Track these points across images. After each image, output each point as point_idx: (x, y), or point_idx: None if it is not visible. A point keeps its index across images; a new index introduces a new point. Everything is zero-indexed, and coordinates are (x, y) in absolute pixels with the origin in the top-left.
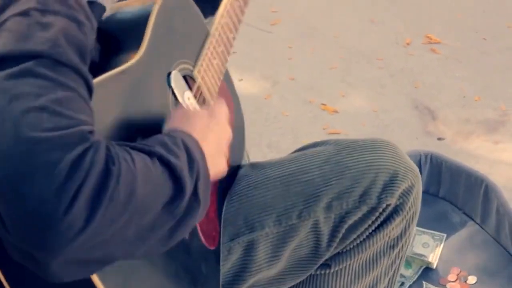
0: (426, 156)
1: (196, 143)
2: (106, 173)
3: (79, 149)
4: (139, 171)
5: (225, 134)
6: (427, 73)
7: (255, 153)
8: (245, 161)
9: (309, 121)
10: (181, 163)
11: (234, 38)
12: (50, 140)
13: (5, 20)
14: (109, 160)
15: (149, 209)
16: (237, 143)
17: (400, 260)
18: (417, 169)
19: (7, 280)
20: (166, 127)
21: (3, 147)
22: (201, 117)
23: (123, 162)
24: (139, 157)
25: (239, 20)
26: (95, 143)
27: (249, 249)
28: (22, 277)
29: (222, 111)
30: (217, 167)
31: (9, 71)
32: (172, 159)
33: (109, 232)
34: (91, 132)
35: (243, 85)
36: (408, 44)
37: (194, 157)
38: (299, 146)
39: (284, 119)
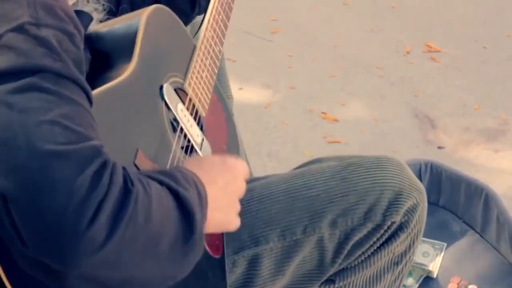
0: (426, 165)
1: (201, 183)
2: (126, 192)
3: (96, 164)
4: (154, 196)
5: (236, 185)
6: (427, 81)
7: (255, 162)
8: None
9: (309, 130)
10: (190, 196)
11: (220, 51)
12: (66, 154)
13: (1, 36)
14: (128, 180)
15: (163, 235)
16: (232, 153)
17: (403, 275)
18: (422, 187)
19: (7, 277)
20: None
21: (18, 160)
22: (210, 159)
23: (139, 185)
24: (152, 184)
25: (223, 33)
26: (110, 160)
27: (254, 263)
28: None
29: (239, 166)
30: (222, 212)
31: (13, 85)
32: (182, 192)
33: (127, 253)
34: (102, 147)
35: (243, 94)
36: (408, 52)
37: (202, 193)
38: (299, 155)
39: (284, 128)
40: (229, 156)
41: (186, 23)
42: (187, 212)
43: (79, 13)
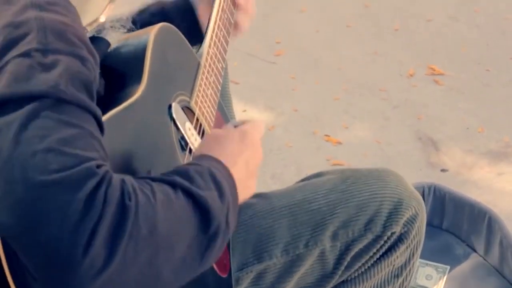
0: (429, 188)
1: (225, 169)
2: (123, 209)
3: (89, 186)
4: (160, 205)
5: (257, 156)
6: (430, 104)
7: (258, 185)
8: None
9: (312, 153)
10: (207, 194)
11: (223, 68)
12: (59, 182)
13: (7, 62)
14: (125, 195)
15: (177, 242)
16: None
17: None
18: (421, 198)
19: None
20: (196, 153)
21: (14, 194)
22: (231, 138)
23: (140, 196)
24: (160, 188)
25: (225, 50)
26: (106, 177)
27: (257, 279)
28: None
29: (256, 130)
30: (246, 190)
31: (12, 114)
32: (196, 190)
33: (134, 269)
34: (99, 166)
35: (246, 116)
36: (411, 75)
37: (222, 186)
38: (303, 177)
39: (288, 150)
40: (247, 123)
41: None
42: (204, 211)
43: (96, 39)
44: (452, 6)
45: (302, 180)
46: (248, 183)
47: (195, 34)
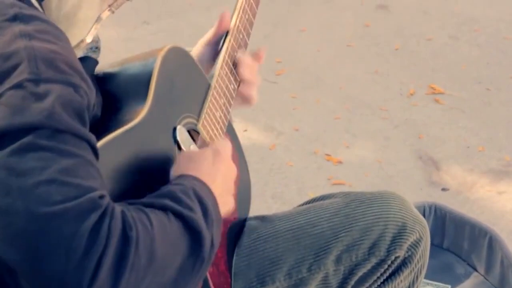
0: (430, 208)
1: (206, 187)
2: (125, 241)
3: (93, 218)
4: (157, 231)
5: (231, 172)
6: (431, 123)
7: (259, 204)
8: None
9: (313, 172)
10: (195, 215)
11: (234, 89)
12: (63, 213)
13: (0, 95)
14: (126, 226)
15: (169, 265)
16: (243, 195)
17: None
18: (425, 222)
19: None
20: (173, 173)
21: (17, 226)
22: (205, 157)
23: (140, 226)
24: (154, 215)
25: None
26: (109, 208)
27: None
28: None
29: (226, 148)
30: (226, 206)
31: (10, 147)
32: (185, 212)
33: None
34: (101, 197)
35: (247, 136)
36: (412, 94)
37: (207, 206)
38: (304, 196)
39: (289, 170)
40: (217, 141)
41: None
42: (194, 232)
43: (85, 58)
44: (452, 26)
45: (306, 203)
46: (226, 199)
47: None
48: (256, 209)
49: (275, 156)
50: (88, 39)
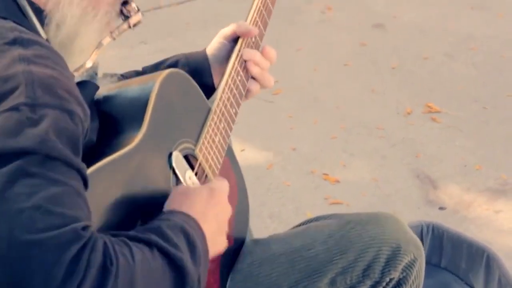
0: (427, 227)
1: (196, 224)
2: (104, 273)
3: (74, 248)
4: (138, 266)
5: (225, 212)
6: (428, 142)
7: (256, 224)
8: (249, 236)
9: (310, 191)
10: (181, 252)
11: (236, 113)
12: (44, 242)
13: None
14: (107, 258)
15: None
16: (241, 219)
17: None
18: (419, 242)
19: None
20: (165, 208)
21: (0, 250)
22: (200, 195)
23: (121, 259)
24: (137, 249)
25: (241, 95)
26: (91, 239)
27: None
28: None
29: (223, 188)
30: (217, 245)
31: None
32: (171, 249)
33: None
34: (85, 228)
35: (244, 155)
36: (408, 113)
37: (195, 244)
38: (301, 216)
39: (286, 189)
40: (214, 180)
41: None
42: (179, 269)
43: (84, 83)
44: (448, 44)
45: (301, 224)
46: (218, 238)
47: (206, 93)
48: (253, 229)
49: (272, 175)
50: (88, 64)
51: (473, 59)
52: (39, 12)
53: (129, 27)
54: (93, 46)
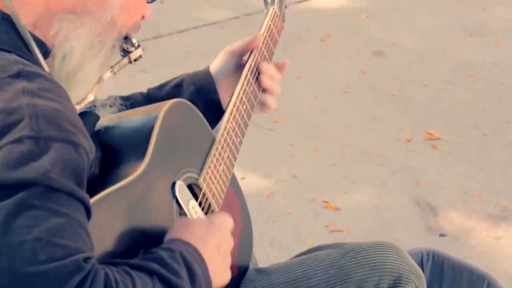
0: (428, 254)
1: (196, 252)
2: None
3: (75, 280)
4: None
5: (227, 242)
6: (428, 169)
7: (257, 252)
8: (252, 264)
9: (311, 219)
10: (182, 281)
11: (240, 143)
12: (46, 273)
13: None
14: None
15: None
16: (244, 247)
17: None
18: (420, 271)
19: None
20: (166, 237)
21: (1, 282)
22: (200, 225)
23: None
24: (139, 279)
25: (246, 124)
26: (92, 271)
27: None
28: None
29: (225, 220)
30: (220, 274)
31: (1, 203)
32: (172, 278)
33: None
34: (86, 259)
35: (245, 183)
36: (409, 140)
37: (195, 271)
38: (302, 244)
39: (287, 217)
40: (214, 215)
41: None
42: None
43: (85, 114)
44: (448, 71)
45: (302, 253)
46: (221, 266)
47: (212, 109)
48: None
49: (273, 203)
50: (90, 98)
51: (473, 85)
52: (43, 46)
53: (130, 62)
54: (95, 79)
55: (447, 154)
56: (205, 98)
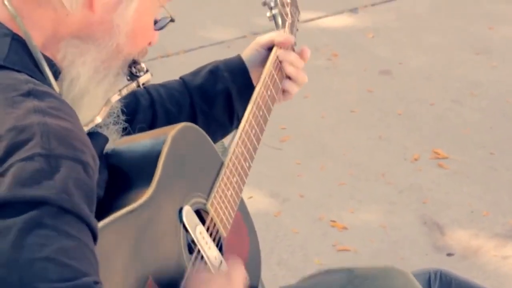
0: (435, 274)
1: None
2: None
3: None
4: None
5: None
6: (435, 188)
7: (265, 272)
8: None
9: (319, 238)
10: None
11: (249, 167)
12: None
13: (10, 166)
14: None
15: None
16: (252, 274)
17: None
18: None
19: None
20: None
21: None
22: (218, 282)
23: None
24: None
25: (255, 148)
26: None
27: None
28: None
29: (240, 274)
30: None
31: (13, 219)
32: None
33: None
34: (96, 283)
35: (252, 203)
36: (416, 159)
37: None
38: (309, 263)
39: (294, 237)
40: (230, 267)
41: (224, 135)
42: None
43: (93, 135)
44: (454, 90)
45: (310, 277)
46: None
47: (246, 96)
48: (262, 276)
49: (280, 223)
50: (98, 120)
51: (479, 104)
52: (53, 66)
53: (138, 86)
54: (101, 104)
55: (454, 173)
56: (241, 82)
